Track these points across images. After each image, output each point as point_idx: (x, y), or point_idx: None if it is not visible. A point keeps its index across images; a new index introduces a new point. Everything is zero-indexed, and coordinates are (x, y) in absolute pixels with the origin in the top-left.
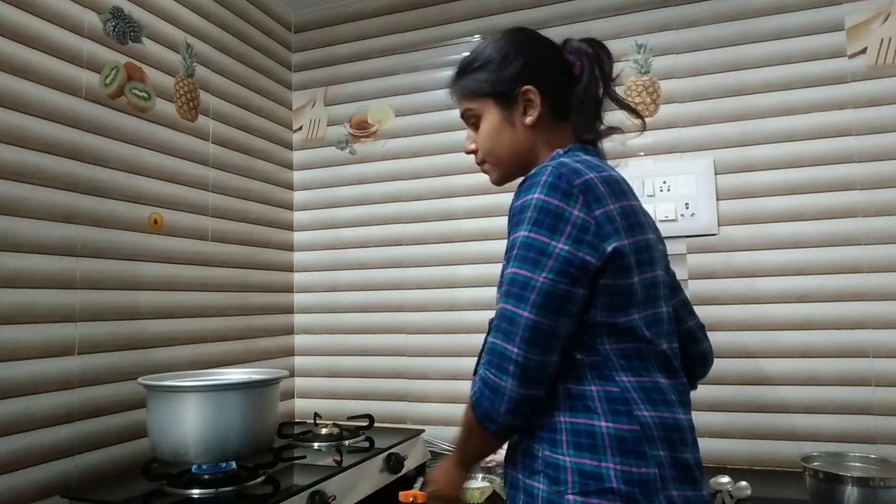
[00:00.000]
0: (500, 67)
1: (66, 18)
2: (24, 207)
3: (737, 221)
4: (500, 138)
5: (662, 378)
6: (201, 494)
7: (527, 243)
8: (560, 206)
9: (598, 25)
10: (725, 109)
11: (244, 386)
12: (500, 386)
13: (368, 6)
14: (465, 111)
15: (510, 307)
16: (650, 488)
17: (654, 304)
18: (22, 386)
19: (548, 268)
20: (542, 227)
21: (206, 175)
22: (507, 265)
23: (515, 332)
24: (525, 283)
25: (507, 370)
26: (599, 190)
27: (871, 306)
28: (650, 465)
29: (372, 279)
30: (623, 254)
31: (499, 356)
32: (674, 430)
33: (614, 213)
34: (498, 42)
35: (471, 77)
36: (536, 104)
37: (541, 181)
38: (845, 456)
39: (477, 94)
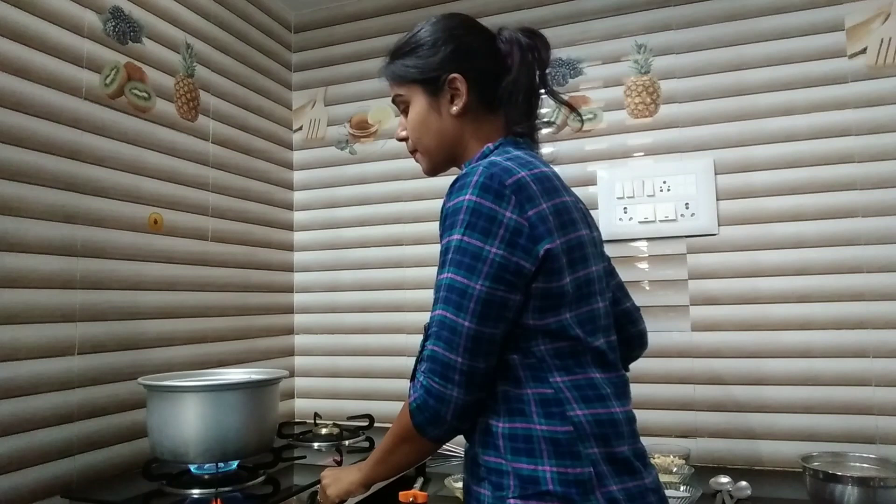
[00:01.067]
0: (428, 53)
1: (66, 18)
2: (24, 207)
3: (737, 221)
4: (427, 126)
5: (597, 373)
6: (201, 494)
7: (461, 248)
8: (493, 209)
9: (598, 25)
10: (725, 109)
11: (244, 386)
12: (446, 395)
13: (368, 6)
14: (395, 96)
15: (450, 315)
16: (586, 487)
17: (588, 301)
18: (22, 386)
19: (484, 274)
20: (475, 231)
21: (206, 175)
22: (443, 269)
23: (457, 342)
24: (463, 291)
25: (452, 379)
26: (532, 189)
27: (871, 306)
28: (584, 465)
29: (372, 279)
30: (555, 256)
31: (442, 365)
32: (608, 426)
33: (547, 212)
34: (429, 27)
35: (401, 62)
36: (462, 93)
37: (472, 181)
38: (845, 456)
39: (404, 79)
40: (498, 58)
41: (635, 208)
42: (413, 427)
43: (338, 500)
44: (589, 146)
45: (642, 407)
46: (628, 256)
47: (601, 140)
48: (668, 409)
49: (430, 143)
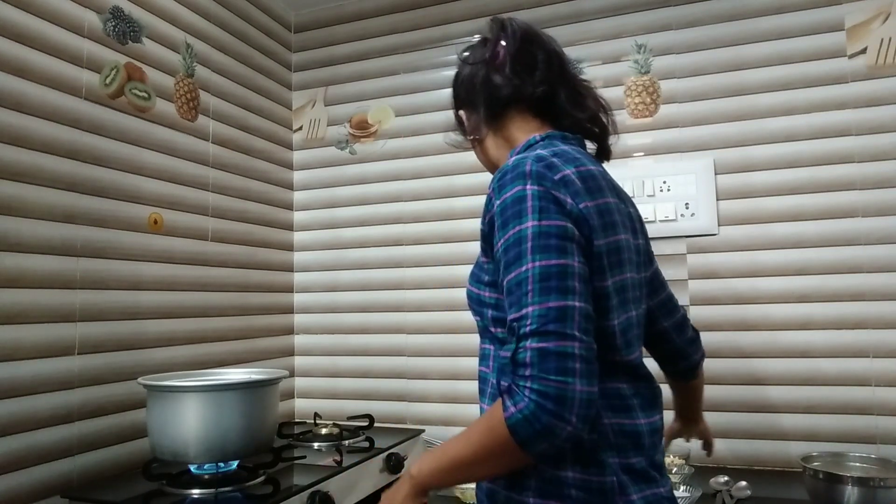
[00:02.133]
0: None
1: (66, 18)
2: (24, 207)
3: (737, 221)
4: (478, 157)
5: (625, 383)
6: (201, 494)
7: (542, 232)
8: (557, 196)
9: (598, 25)
10: (725, 109)
11: (244, 386)
12: (567, 391)
13: (368, 6)
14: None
15: (553, 303)
16: (608, 496)
17: (625, 308)
18: (22, 386)
19: (575, 251)
20: (550, 213)
21: (206, 175)
22: (521, 261)
23: (570, 327)
24: (563, 272)
25: (572, 370)
26: (577, 186)
27: (871, 306)
28: (608, 474)
29: (372, 279)
30: (600, 254)
31: (556, 358)
32: (629, 437)
33: (592, 210)
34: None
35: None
36: (465, 119)
37: (525, 171)
38: (845, 456)
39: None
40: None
41: None
42: (514, 443)
43: None
44: (589, 146)
45: None
46: None
47: None
48: (669, 410)
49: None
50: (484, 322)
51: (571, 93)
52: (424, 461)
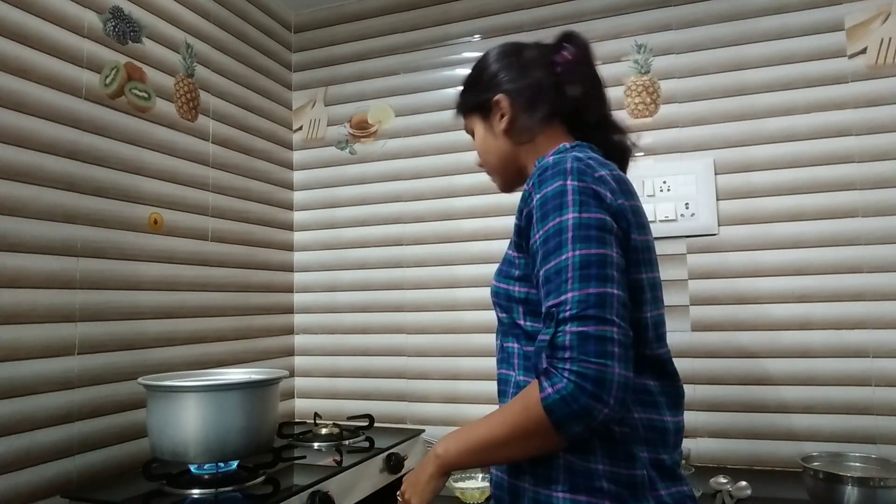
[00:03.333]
0: (478, 82)
1: (66, 18)
2: (24, 207)
3: (737, 221)
4: (488, 148)
5: (652, 380)
6: (201, 494)
7: (583, 223)
8: (598, 191)
9: (598, 25)
10: (725, 109)
11: (244, 386)
12: (606, 373)
13: (368, 6)
14: (465, 127)
15: (593, 290)
16: (638, 489)
17: (657, 304)
18: (22, 386)
19: (613, 243)
20: (590, 207)
21: (206, 175)
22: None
23: (609, 313)
24: (602, 261)
25: (611, 353)
26: (613, 185)
27: (871, 306)
28: (639, 467)
29: (372, 279)
30: (636, 248)
31: (596, 342)
32: (658, 433)
33: (627, 208)
34: (481, 59)
35: (462, 96)
36: (507, 110)
37: (566, 168)
38: (845, 456)
39: (466, 110)
40: (552, 71)
41: None
42: (549, 423)
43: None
44: None
45: None
46: None
47: None
48: None
49: (494, 163)
50: (512, 317)
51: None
52: (451, 441)
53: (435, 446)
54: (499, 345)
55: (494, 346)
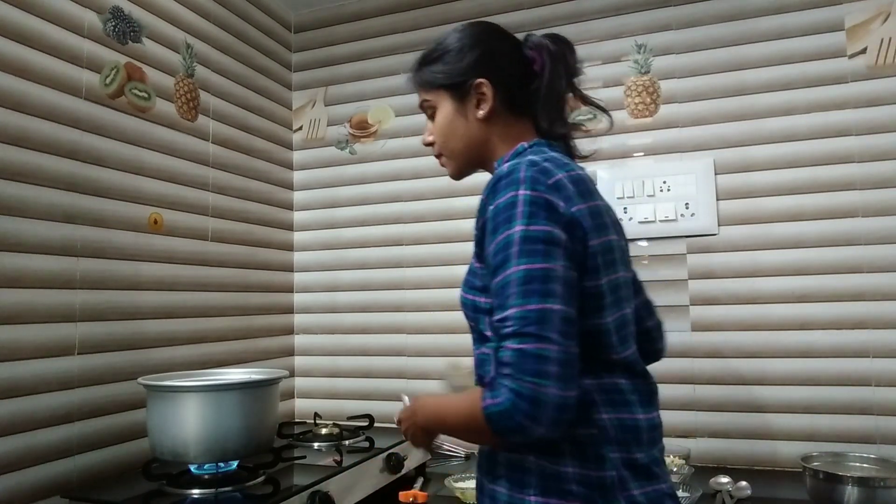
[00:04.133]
0: (455, 59)
1: (66, 18)
2: (24, 207)
3: (737, 221)
4: (454, 130)
5: (623, 379)
6: (201, 494)
7: (529, 236)
8: (550, 200)
9: (598, 25)
10: (725, 109)
11: (244, 386)
12: (541, 394)
13: (368, 6)
14: (422, 102)
15: (534, 306)
16: (608, 490)
17: (619, 305)
18: (22, 386)
19: (560, 255)
20: (539, 218)
21: (206, 175)
22: (507, 265)
23: (549, 330)
24: (545, 276)
25: (548, 373)
26: (570, 189)
27: (871, 306)
28: (609, 469)
29: (372, 279)
30: (594, 254)
31: (534, 360)
32: (630, 432)
33: (586, 212)
34: (456, 35)
35: (428, 68)
36: (489, 97)
37: (520, 177)
38: (845, 456)
39: (432, 85)
40: (525, 63)
41: (635, 208)
42: (492, 430)
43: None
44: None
45: None
46: None
47: (601, 140)
48: (668, 409)
49: (457, 148)
50: (481, 327)
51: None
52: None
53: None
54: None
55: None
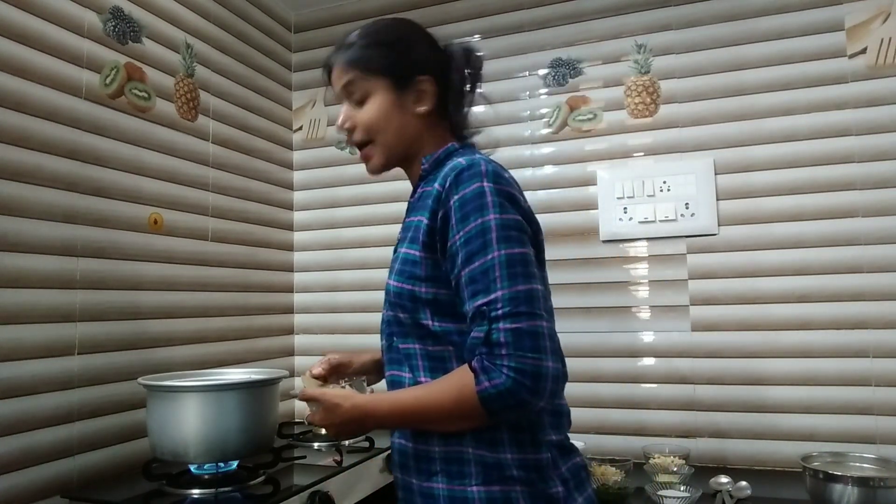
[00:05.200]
0: (403, 50)
1: (66, 18)
2: (24, 207)
3: (737, 221)
4: (390, 121)
5: None
6: (201, 494)
7: (503, 224)
8: (512, 193)
9: (598, 25)
10: (725, 109)
11: (244, 386)
12: (541, 368)
13: (368, 6)
14: (348, 83)
15: (522, 287)
16: (544, 471)
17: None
18: (22, 386)
19: (528, 243)
20: (507, 209)
21: (206, 175)
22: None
23: (538, 309)
24: (525, 261)
25: (545, 348)
26: (519, 187)
27: (871, 306)
28: (544, 451)
29: (372, 279)
30: (540, 249)
31: (530, 336)
32: (559, 416)
33: (530, 210)
34: (403, 25)
35: (366, 52)
36: (430, 95)
37: (482, 171)
38: (845, 456)
39: (369, 70)
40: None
41: (635, 208)
42: (483, 411)
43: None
44: (589, 146)
45: (643, 407)
46: (629, 256)
47: (601, 140)
48: (668, 409)
49: (390, 139)
50: (416, 318)
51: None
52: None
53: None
54: (389, 345)
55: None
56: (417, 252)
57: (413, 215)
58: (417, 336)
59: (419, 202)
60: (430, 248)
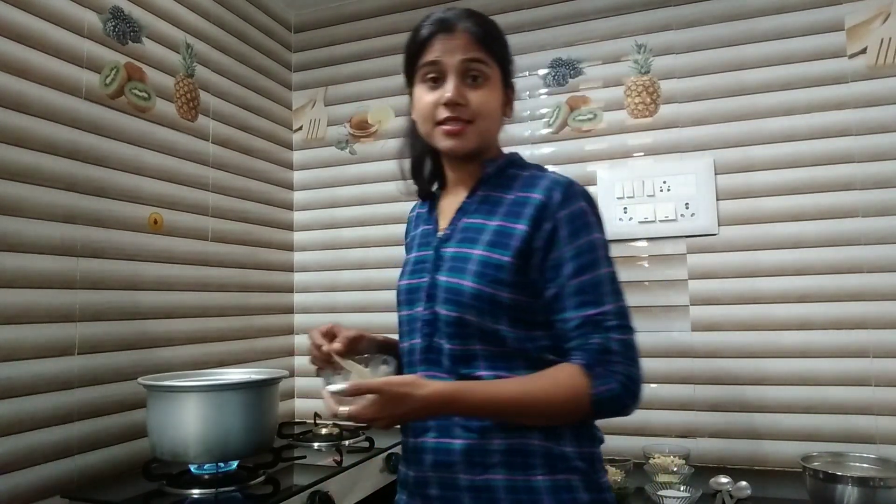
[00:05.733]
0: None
1: (66, 18)
2: (24, 207)
3: (737, 221)
4: (493, 112)
5: None
6: (201, 494)
7: (605, 244)
8: (600, 214)
9: (598, 25)
10: (725, 109)
11: (244, 386)
12: (641, 377)
13: (368, 6)
14: (474, 59)
15: (623, 303)
16: (596, 462)
17: None
18: (22, 386)
19: None
20: (603, 230)
21: (206, 175)
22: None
23: (632, 322)
24: (619, 279)
25: (639, 360)
26: None
27: (871, 306)
28: (596, 445)
29: (372, 279)
30: None
31: (635, 349)
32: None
33: None
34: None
35: (497, 38)
36: (511, 104)
37: (581, 190)
38: (845, 456)
39: (495, 58)
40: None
41: (635, 208)
42: (590, 412)
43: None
44: (589, 146)
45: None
46: (628, 256)
47: (601, 140)
48: (668, 409)
49: (490, 128)
50: (486, 320)
51: None
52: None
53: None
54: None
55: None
56: (506, 257)
57: (488, 218)
58: (482, 338)
59: (492, 206)
60: (524, 255)
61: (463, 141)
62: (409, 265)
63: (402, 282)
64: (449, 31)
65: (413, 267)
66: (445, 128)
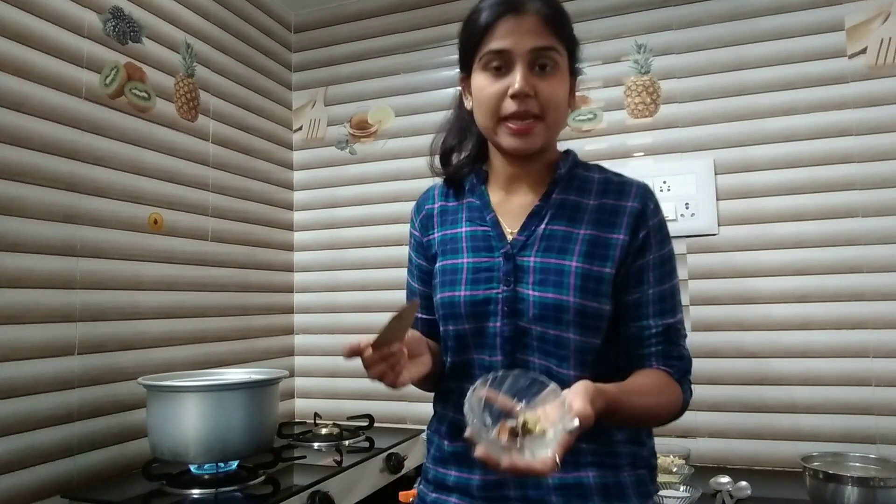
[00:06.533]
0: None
1: (66, 18)
2: (24, 207)
3: (737, 221)
4: (562, 104)
5: None
6: (201, 494)
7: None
8: None
9: (598, 25)
10: (725, 109)
11: (244, 386)
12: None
13: (368, 6)
14: (546, 48)
15: (680, 315)
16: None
17: None
18: (22, 386)
19: None
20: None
21: (206, 175)
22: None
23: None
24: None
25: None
26: None
27: (871, 306)
28: (653, 441)
29: (372, 279)
30: None
31: (689, 362)
32: None
33: None
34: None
35: (569, 27)
36: (575, 98)
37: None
38: (845, 456)
39: (567, 47)
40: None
41: None
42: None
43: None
44: (589, 146)
45: None
46: None
47: (601, 140)
48: None
49: (558, 121)
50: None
51: None
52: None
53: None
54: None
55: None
56: (608, 269)
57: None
58: (578, 357)
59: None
60: (622, 264)
61: (531, 141)
62: (463, 273)
63: (456, 293)
64: (516, 12)
65: (472, 276)
66: (512, 126)
